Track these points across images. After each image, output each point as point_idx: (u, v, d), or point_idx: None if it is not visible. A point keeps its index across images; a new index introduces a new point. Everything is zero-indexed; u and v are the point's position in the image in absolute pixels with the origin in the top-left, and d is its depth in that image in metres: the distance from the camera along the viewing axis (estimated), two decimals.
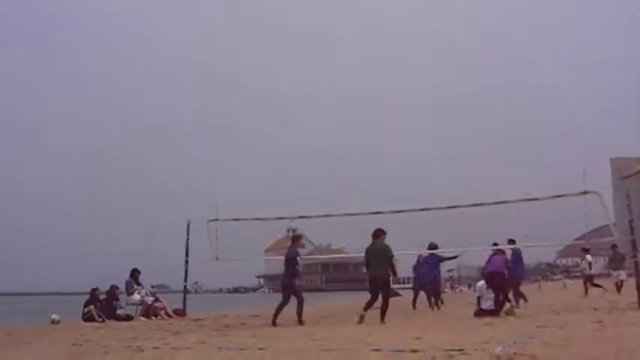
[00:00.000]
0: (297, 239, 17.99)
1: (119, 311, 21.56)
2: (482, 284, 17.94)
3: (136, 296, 22.15)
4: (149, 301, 22.09)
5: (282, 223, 30.33)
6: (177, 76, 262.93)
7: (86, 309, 20.92)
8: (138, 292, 22.21)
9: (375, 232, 16.91)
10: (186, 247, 24.73)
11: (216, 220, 24.06)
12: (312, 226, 21.02)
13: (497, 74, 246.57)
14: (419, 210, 23.16)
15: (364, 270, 17.80)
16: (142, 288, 22.43)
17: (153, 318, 21.49)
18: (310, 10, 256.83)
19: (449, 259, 25.10)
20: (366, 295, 16.47)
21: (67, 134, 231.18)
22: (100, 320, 20.24)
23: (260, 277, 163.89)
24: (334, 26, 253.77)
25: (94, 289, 21.68)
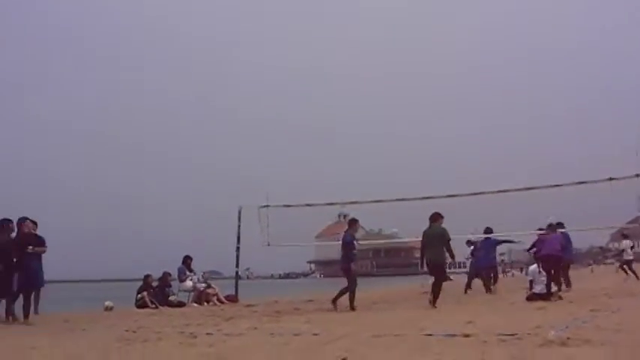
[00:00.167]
0: (353, 223, 17.88)
1: (172, 298, 21.79)
2: (535, 268, 17.70)
3: (189, 283, 22.34)
4: (201, 288, 22.26)
5: (333, 209, 30.34)
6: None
7: (139, 295, 21.17)
8: (190, 278, 22.40)
9: (433, 216, 16.85)
10: (238, 233, 24.90)
11: (267, 207, 24.17)
12: (363, 212, 20.95)
13: None
14: (470, 194, 23.01)
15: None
16: (194, 274, 22.63)
17: (205, 304, 21.66)
18: None
19: (506, 242, 24.79)
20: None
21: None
22: (153, 307, 20.45)
23: (311, 262, 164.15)
24: None
25: (146, 275, 21.92)
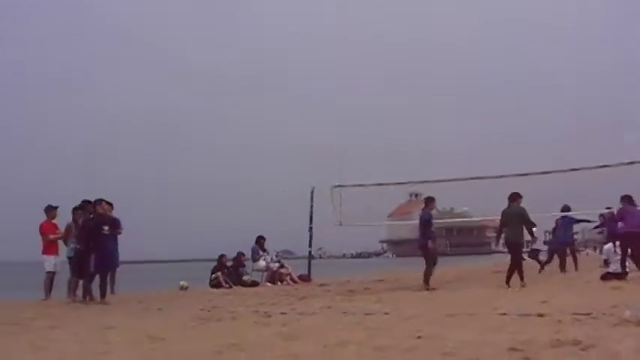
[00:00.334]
0: (430, 201, 17.83)
1: (245, 277, 22.07)
2: (610, 247, 17.36)
3: (262, 262, 22.58)
4: (274, 267, 22.51)
5: (404, 188, 30.25)
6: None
7: (213, 275, 21.50)
8: (263, 258, 22.64)
9: (512, 196, 16.74)
10: (311, 213, 25.07)
11: (340, 187, 24.25)
12: (434, 191, 20.83)
13: None
14: (541, 173, 22.70)
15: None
16: (268, 254, 22.86)
17: (278, 283, 21.91)
18: None
19: (582, 221, 24.36)
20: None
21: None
22: (227, 286, 20.75)
23: (383, 241, 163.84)
24: None
25: (221, 255, 22.24)
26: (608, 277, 16.29)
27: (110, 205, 17.00)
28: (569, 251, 23.38)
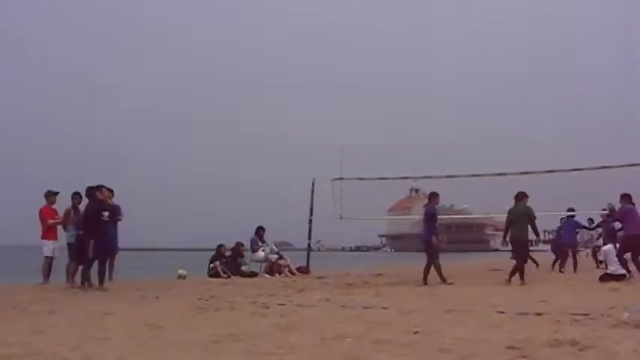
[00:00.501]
0: (434, 197, 17.88)
1: (244, 268, 22.10)
2: (609, 248, 17.35)
3: (261, 253, 22.60)
4: (273, 259, 22.51)
5: (405, 182, 30.20)
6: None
7: (212, 265, 21.54)
8: (262, 249, 22.65)
9: (518, 195, 16.83)
10: (311, 205, 25.03)
11: (341, 179, 24.20)
12: (435, 187, 20.83)
13: None
14: (544, 172, 22.68)
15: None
16: (267, 245, 22.86)
17: (277, 275, 21.91)
18: None
19: (585, 228, 24.31)
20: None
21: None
22: (225, 276, 20.79)
23: (382, 236, 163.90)
24: None
25: (219, 245, 22.28)
26: (606, 278, 16.31)
27: (111, 192, 17.05)
28: (571, 253, 23.40)
